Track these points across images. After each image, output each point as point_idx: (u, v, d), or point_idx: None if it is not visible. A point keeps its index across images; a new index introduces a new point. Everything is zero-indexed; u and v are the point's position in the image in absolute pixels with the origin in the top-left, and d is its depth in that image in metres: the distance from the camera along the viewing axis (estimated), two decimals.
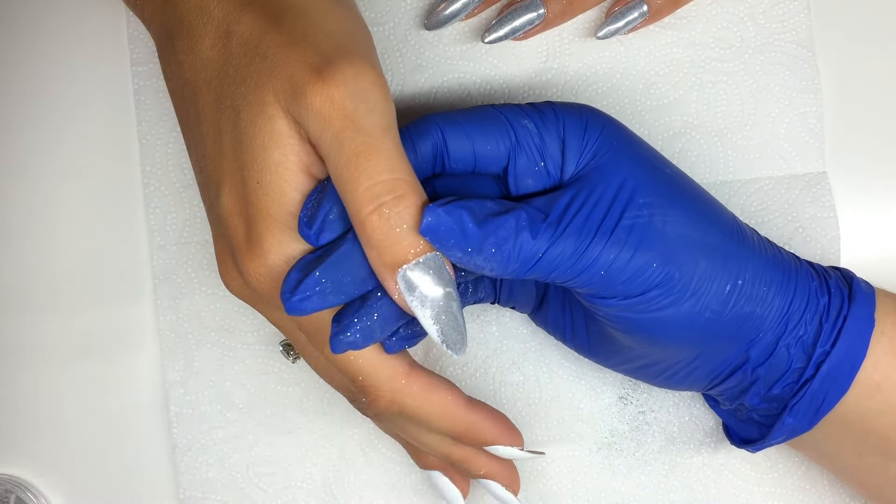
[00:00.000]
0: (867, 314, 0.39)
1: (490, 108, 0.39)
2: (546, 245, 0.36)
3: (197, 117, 0.39)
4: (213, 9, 0.38)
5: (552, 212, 0.37)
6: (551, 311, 0.44)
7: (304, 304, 0.36)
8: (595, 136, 0.39)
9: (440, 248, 0.35)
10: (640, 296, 0.37)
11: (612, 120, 0.40)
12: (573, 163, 0.39)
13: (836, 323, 0.39)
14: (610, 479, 0.48)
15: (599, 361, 0.44)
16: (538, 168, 0.39)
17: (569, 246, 0.36)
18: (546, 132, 0.39)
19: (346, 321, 0.37)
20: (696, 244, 0.38)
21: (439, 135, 0.38)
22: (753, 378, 0.40)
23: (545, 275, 0.37)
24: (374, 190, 0.34)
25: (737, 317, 0.39)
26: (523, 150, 0.39)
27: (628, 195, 0.37)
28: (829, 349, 0.39)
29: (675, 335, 0.38)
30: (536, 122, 0.39)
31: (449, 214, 0.35)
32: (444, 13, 0.46)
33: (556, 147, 0.39)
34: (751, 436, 0.43)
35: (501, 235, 0.36)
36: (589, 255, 0.36)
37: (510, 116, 0.39)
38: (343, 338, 0.37)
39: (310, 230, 0.36)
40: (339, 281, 0.36)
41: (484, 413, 0.41)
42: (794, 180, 0.47)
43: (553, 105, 0.39)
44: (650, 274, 0.37)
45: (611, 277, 0.37)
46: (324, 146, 0.35)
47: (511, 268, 0.36)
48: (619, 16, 0.46)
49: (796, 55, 0.47)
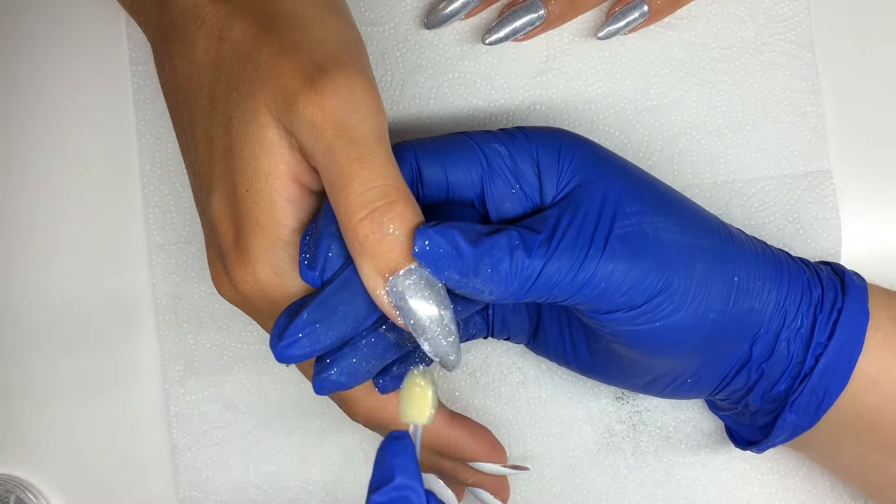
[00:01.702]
0: (861, 307, 0.40)
1: (460, 134, 0.39)
2: (542, 262, 0.36)
3: (190, 122, 0.39)
4: (207, 14, 0.38)
5: (543, 230, 0.36)
6: (549, 337, 0.43)
7: (290, 349, 0.35)
8: (570, 155, 0.39)
9: (435, 271, 0.35)
10: (643, 306, 0.37)
11: (586, 140, 0.40)
12: (552, 184, 0.38)
13: (830, 315, 0.39)
14: (609, 478, 0.48)
15: (604, 380, 0.44)
16: (514, 191, 0.38)
17: (565, 262, 0.36)
18: (517, 154, 0.38)
19: (329, 358, 0.36)
20: (688, 248, 0.38)
21: (414, 162, 0.38)
22: (758, 375, 0.40)
23: (546, 293, 0.36)
24: (366, 196, 0.34)
25: (738, 314, 0.39)
26: (496, 173, 0.38)
27: (614, 206, 0.37)
28: (825, 342, 0.39)
29: (681, 342, 0.38)
30: (507, 144, 0.39)
31: (441, 235, 0.35)
32: (443, 12, 0.46)
33: (530, 169, 0.38)
34: (754, 438, 0.43)
35: (496, 255, 0.35)
36: (587, 269, 0.36)
37: (479, 141, 0.39)
38: (326, 376, 0.36)
39: (314, 272, 0.36)
40: (330, 320, 0.35)
41: (465, 430, 0.41)
42: (796, 180, 0.47)
43: (523, 129, 0.39)
44: (650, 282, 0.37)
45: (611, 290, 0.36)
46: (316, 156, 0.35)
47: (511, 288, 0.36)
48: (620, 16, 0.45)
49: (796, 55, 0.47)
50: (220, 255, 0.38)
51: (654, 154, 0.47)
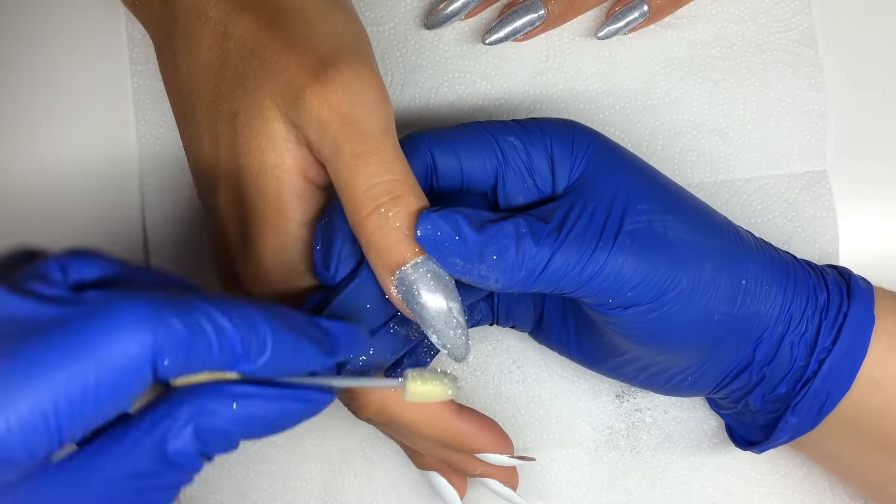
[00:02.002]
0: (867, 311, 0.39)
1: (476, 125, 0.39)
2: (550, 252, 0.36)
3: (194, 119, 0.39)
4: (211, 10, 0.38)
5: (552, 219, 0.36)
6: (553, 327, 0.44)
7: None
8: (584, 148, 0.38)
9: (438, 256, 0.35)
10: (651, 303, 0.37)
11: (598, 133, 0.40)
12: (565, 176, 0.38)
13: (836, 320, 0.39)
14: (608, 476, 0.48)
15: (605, 373, 0.44)
16: (527, 185, 0.38)
17: (574, 252, 0.36)
18: (532, 148, 0.38)
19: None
20: (698, 247, 0.38)
21: (429, 154, 0.38)
22: (759, 378, 0.40)
23: (553, 284, 0.36)
24: (372, 192, 0.34)
25: (744, 316, 0.39)
26: (511, 167, 0.38)
27: (625, 202, 0.37)
28: (830, 346, 0.39)
29: (686, 340, 0.38)
30: (522, 138, 0.38)
31: (444, 219, 0.35)
32: (444, 12, 0.46)
33: (544, 163, 0.38)
34: (754, 437, 0.43)
35: (502, 242, 0.35)
36: (595, 262, 0.36)
37: (496, 133, 0.38)
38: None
39: (327, 272, 0.36)
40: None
41: (473, 422, 0.41)
42: (795, 179, 0.47)
43: (538, 121, 0.39)
44: (659, 279, 0.37)
45: (620, 284, 0.36)
46: (322, 150, 0.35)
47: (517, 277, 0.36)
48: (620, 16, 0.45)
49: (799, 53, 0.47)
50: (224, 252, 0.38)
51: (654, 153, 0.47)
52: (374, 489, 0.49)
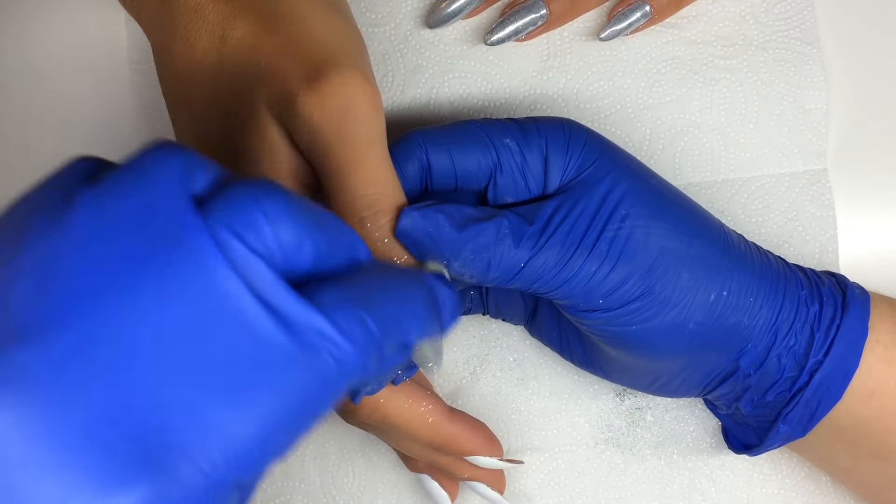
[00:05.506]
0: (861, 323, 0.39)
1: (471, 124, 0.39)
2: (528, 255, 0.36)
3: (189, 120, 0.39)
4: (208, 13, 0.38)
5: (536, 221, 0.37)
6: (545, 324, 0.44)
7: None
8: (578, 149, 0.38)
9: (415, 252, 0.35)
10: (619, 308, 0.37)
11: (595, 133, 0.40)
12: (557, 177, 0.38)
13: (828, 332, 0.39)
14: (607, 474, 0.48)
15: (596, 372, 0.44)
16: (518, 186, 0.38)
17: (552, 257, 0.36)
18: (528, 150, 0.38)
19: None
20: (679, 256, 0.38)
21: (423, 154, 0.38)
22: (746, 386, 0.40)
23: (528, 285, 0.37)
24: (354, 206, 0.34)
25: (722, 328, 0.38)
26: (504, 169, 0.38)
27: (612, 206, 0.37)
28: (821, 358, 0.39)
29: (658, 347, 0.38)
30: (518, 140, 0.38)
31: (424, 218, 0.35)
32: (445, 11, 0.46)
33: (538, 165, 0.38)
34: (749, 440, 0.43)
35: (481, 242, 0.35)
36: (571, 267, 0.36)
37: (492, 135, 0.38)
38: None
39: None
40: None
41: (463, 425, 0.41)
42: (795, 178, 0.47)
43: (536, 121, 0.39)
44: (630, 287, 0.37)
45: (591, 290, 0.36)
46: (312, 156, 0.35)
47: (492, 275, 0.36)
48: (622, 17, 0.45)
49: (801, 52, 0.47)
50: None
51: (655, 152, 0.47)
52: (374, 490, 0.49)
